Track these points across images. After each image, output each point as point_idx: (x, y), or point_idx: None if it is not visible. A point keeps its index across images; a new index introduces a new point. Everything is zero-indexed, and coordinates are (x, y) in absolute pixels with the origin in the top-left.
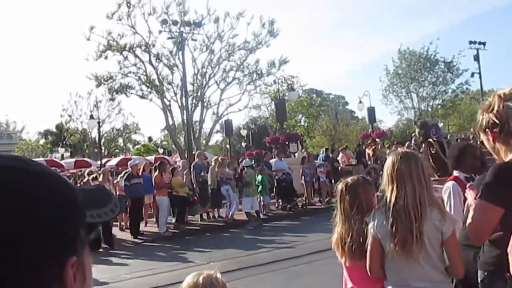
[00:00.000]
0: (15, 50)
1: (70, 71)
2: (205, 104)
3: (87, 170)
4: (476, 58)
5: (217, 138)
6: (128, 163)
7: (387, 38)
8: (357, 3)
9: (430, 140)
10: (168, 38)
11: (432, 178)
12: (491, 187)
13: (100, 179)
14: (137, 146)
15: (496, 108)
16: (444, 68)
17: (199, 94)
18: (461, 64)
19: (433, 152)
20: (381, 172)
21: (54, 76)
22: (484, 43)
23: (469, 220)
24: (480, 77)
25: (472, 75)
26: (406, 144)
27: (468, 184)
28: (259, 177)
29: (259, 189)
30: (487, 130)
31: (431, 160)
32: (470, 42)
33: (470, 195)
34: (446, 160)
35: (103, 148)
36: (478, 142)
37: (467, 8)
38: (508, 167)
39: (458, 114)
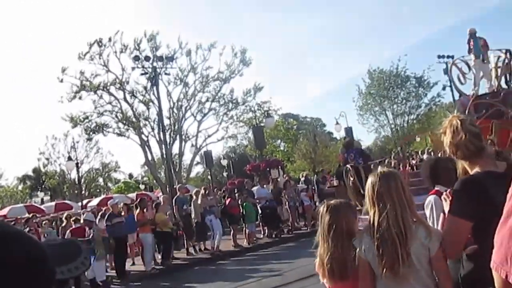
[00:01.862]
0: None
1: (45, 113)
2: (183, 137)
3: (65, 214)
4: (446, 71)
5: (198, 170)
6: (108, 202)
7: (358, 58)
8: (325, 26)
9: (348, 166)
10: (142, 74)
11: (358, 208)
12: (457, 202)
13: (82, 221)
14: (118, 184)
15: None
16: (415, 83)
17: (176, 127)
18: (432, 78)
19: (351, 179)
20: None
21: (29, 121)
22: (452, 57)
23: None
24: (451, 90)
25: (444, 88)
26: (386, 161)
27: (448, 190)
28: (244, 205)
29: (245, 218)
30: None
31: (351, 190)
32: (439, 57)
33: (448, 202)
34: (361, 188)
35: (83, 188)
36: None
37: (432, 24)
38: (473, 181)
39: (433, 127)
